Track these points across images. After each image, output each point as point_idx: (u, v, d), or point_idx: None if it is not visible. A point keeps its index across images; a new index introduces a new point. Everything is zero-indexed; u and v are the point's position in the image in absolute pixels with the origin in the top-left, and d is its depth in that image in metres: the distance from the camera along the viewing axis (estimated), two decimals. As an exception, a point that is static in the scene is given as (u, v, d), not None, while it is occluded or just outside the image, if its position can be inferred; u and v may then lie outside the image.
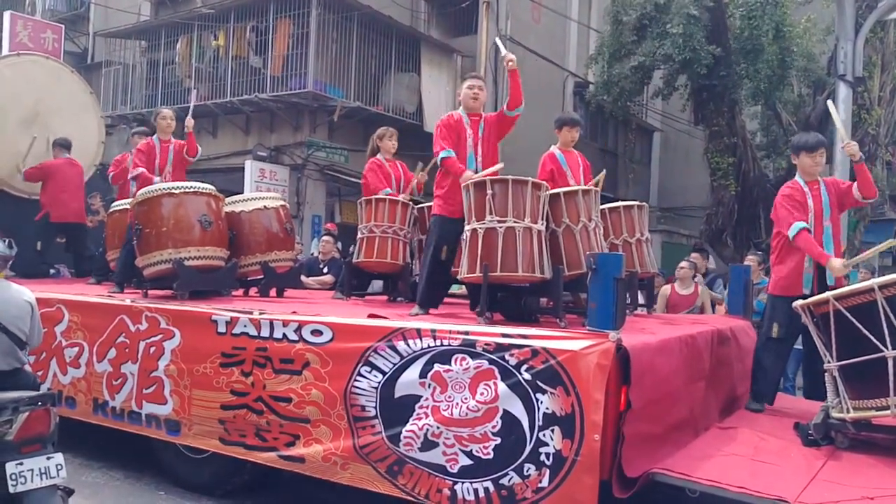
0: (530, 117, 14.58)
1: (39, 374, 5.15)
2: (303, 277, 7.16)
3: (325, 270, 8.20)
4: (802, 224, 4.54)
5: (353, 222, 6.82)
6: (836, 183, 4.85)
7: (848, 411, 3.86)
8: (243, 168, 12.33)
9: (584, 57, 16.35)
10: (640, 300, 5.81)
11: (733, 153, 12.51)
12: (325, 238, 8.65)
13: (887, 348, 3.64)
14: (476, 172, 4.65)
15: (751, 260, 7.63)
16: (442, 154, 4.72)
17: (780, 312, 4.70)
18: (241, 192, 11.42)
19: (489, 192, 4.17)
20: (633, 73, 12.27)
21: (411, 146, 10.13)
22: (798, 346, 5.15)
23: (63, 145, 7.70)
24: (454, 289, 5.97)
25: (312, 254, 9.61)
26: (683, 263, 7.35)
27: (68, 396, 5.14)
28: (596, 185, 5.09)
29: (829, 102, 5.39)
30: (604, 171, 5.64)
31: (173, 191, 5.34)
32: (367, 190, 5.89)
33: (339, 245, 9.95)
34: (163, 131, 6.18)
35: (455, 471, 3.61)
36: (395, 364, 3.82)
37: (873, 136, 13.31)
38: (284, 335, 4.20)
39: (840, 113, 10.46)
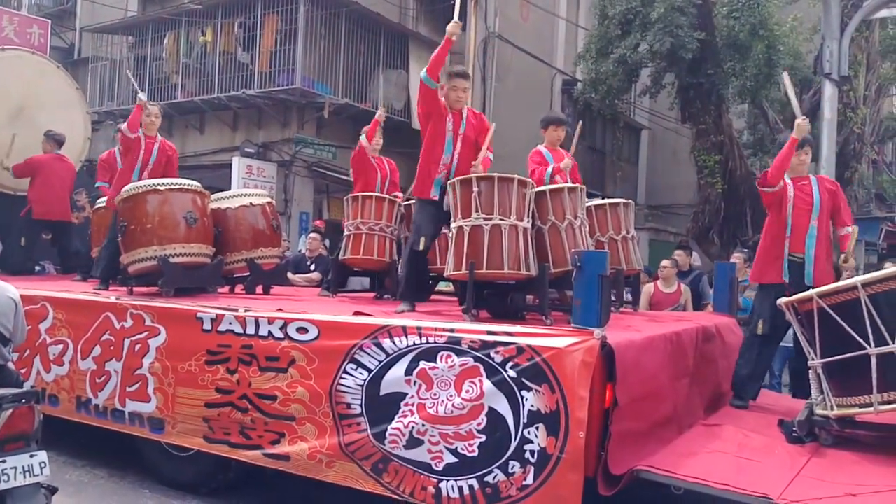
0: (518, 115, 14.64)
1: (23, 371, 5.11)
2: (290, 274, 7.13)
3: (313, 267, 8.19)
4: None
5: (341, 219, 6.81)
6: (833, 192, 4.85)
7: (832, 408, 3.88)
8: (231, 164, 12.26)
9: (572, 55, 16.36)
10: (627, 297, 5.83)
11: (720, 151, 12.58)
12: (311, 235, 8.63)
13: (870, 346, 3.66)
14: (453, 165, 4.69)
15: (737, 258, 7.67)
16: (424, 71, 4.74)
17: (764, 306, 4.74)
18: (229, 189, 11.41)
19: (475, 189, 4.17)
20: (616, 68, 12.27)
21: (400, 143, 10.13)
22: (786, 343, 5.18)
23: (55, 139, 7.62)
24: (442, 286, 5.98)
25: (300, 251, 9.59)
26: (666, 262, 7.36)
27: (51, 394, 5.10)
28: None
29: (785, 74, 5.34)
30: (580, 123, 5.68)
31: (158, 187, 5.29)
32: (355, 176, 5.94)
33: (327, 242, 9.93)
34: (148, 127, 6.12)
35: (440, 469, 3.61)
36: (380, 361, 3.81)
37: (859, 134, 13.45)
38: (270, 333, 4.18)
39: (826, 112, 10.60)
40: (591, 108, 14.81)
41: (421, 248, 4.72)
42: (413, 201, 5.69)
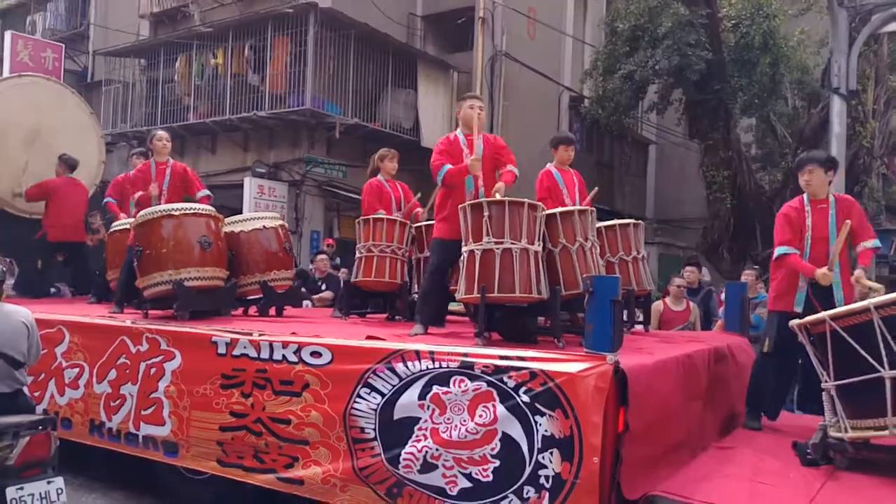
0: (526, 132, 14.64)
1: (37, 394, 5.16)
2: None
3: (324, 287, 8.26)
4: (786, 249, 4.60)
5: (351, 237, 6.87)
6: (848, 211, 4.63)
7: (846, 431, 3.83)
8: (242, 184, 12.38)
9: (579, 71, 16.45)
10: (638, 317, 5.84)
11: (728, 167, 12.60)
12: (319, 256, 8.73)
13: (884, 368, 3.62)
14: (477, 192, 4.70)
15: (748, 275, 7.66)
16: (442, 170, 4.77)
17: (774, 327, 4.71)
18: (241, 208, 11.52)
19: (486, 213, 4.20)
20: (622, 84, 12.31)
21: (408, 162, 10.17)
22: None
23: (68, 163, 7.75)
24: (453, 306, 6.00)
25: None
26: (677, 281, 7.36)
27: (64, 417, 5.13)
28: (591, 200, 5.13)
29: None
30: (595, 188, 5.69)
31: (173, 212, 5.37)
32: (365, 212, 5.93)
33: (338, 260, 10.00)
34: (158, 153, 6.20)
35: (455, 493, 3.61)
36: (394, 386, 3.83)
37: (868, 148, 13.41)
38: (284, 357, 4.21)
39: (835, 126, 10.60)
40: (599, 123, 14.86)
41: (443, 279, 4.78)
42: (426, 223, 5.75)
